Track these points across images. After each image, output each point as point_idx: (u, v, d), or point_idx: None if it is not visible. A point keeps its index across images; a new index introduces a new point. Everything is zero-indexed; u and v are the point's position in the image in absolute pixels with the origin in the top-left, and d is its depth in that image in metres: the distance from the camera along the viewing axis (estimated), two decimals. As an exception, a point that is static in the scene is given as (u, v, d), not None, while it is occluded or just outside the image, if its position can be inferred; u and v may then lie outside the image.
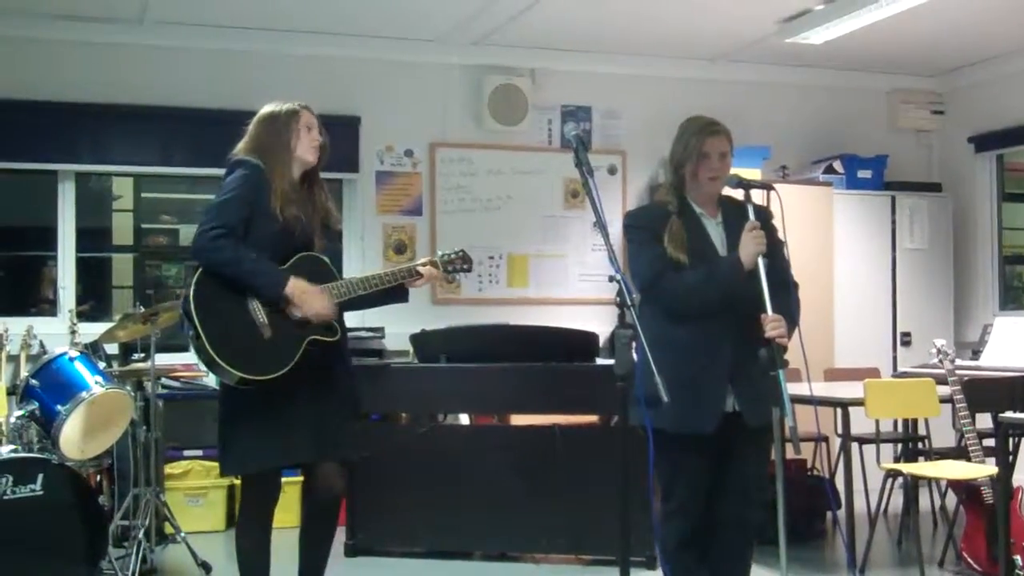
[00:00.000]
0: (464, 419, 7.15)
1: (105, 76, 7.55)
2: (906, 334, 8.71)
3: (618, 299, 3.63)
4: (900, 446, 7.27)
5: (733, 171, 4.19)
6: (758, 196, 4.17)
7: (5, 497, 4.83)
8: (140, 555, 5.66)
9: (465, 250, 4.70)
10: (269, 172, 4.20)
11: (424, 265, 4.53)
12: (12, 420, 5.33)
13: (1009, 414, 5.15)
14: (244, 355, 4.05)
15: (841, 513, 6.21)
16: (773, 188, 4.22)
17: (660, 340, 3.79)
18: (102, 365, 5.90)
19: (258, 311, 4.10)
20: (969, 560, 5.74)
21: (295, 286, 4.10)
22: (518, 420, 6.91)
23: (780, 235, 4.24)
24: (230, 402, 4.21)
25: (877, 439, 6.52)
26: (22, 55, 7.41)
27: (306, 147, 4.30)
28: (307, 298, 4.12)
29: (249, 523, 4.34)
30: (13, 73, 7.38)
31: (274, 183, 4.18)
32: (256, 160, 4.22)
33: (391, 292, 4.50)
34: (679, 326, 4.08)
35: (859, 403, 5.83)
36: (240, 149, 4.30)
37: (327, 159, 4.44)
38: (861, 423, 6.20)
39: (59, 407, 5.26)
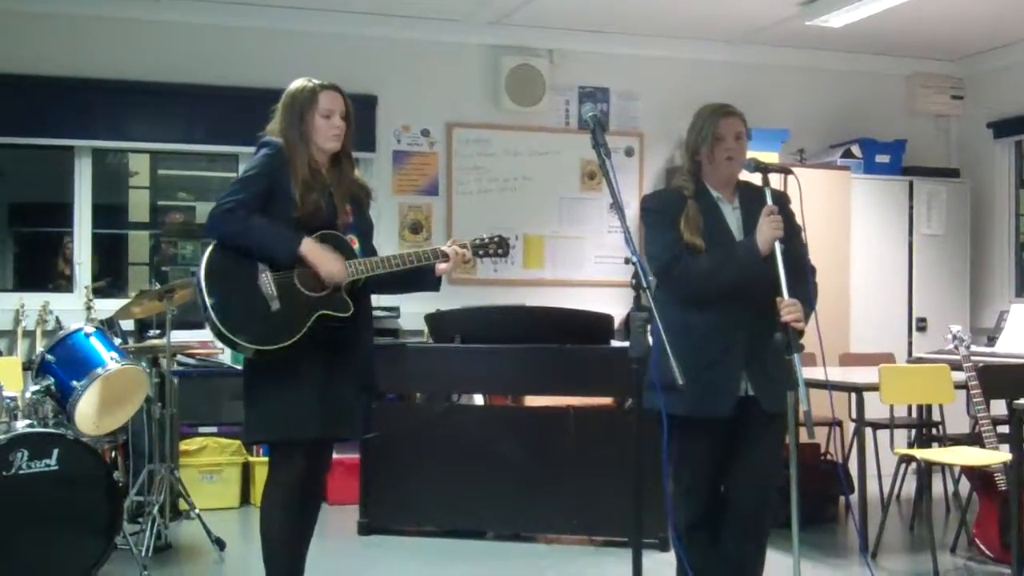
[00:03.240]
0: (478, 399, 7.16)
1: (123, 52, 7.55)
2: (922, 320, 8.68)
3: (634, 281, 3.63)
4: (914, 431, 7.26)
5: (751, 155, 4.18)
6: (776, 180, 4.16)
7: (20, 472, 4.84)
8: (154, 531, 5.69)
9: (503, 236, 4.61)
10: (290, 156, 4.19)
11: (450, 247, 4.45)
12: (28, 395, 5.33)
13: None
14: (251, 327, 4.12)
15: (854, 498, 6.21)
16: (791, 172, 4.21)
17: (676, 325, 3.79)
18: (118, 341, 5.92)
19: (268, 284, 4.14)
20: (981, 546, 5.73)
21: (309, 246, 4.12)
22: (532, 401, 6.92)
23: (798, 220, 4.21)
24: (250, 375, 4.27)
25: (891, 424, 6.52)
26: (39, 30, 7.41)
27: (324, 136, 4.24)
28: (321, 258, 4.12)
29: (269, 495, 4.34)
30: (31, 48, 7.39)
31: (294, 170, 4.17)
32: (279, 141, 4.22)
33: (421, 278, 4.46)
34: (695, 311, 4.07)
35: (874, 388, 5.82)
36: (268, 129, 4.30)
37: (354, 133, 4.39)
38: (875, 408, 6.19)
39: (75, 383, 5.27)
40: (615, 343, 6.34)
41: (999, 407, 6.05)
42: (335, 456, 6.45)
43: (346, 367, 4.27)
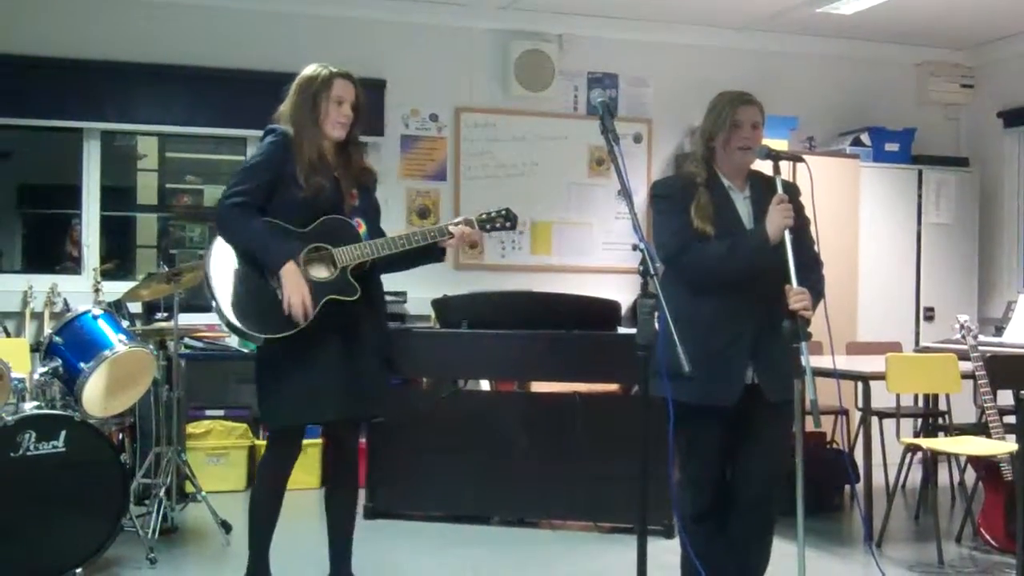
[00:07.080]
0: (485, 385, 7.16)
1: (132, 34, 7.54)
2: (929, 309, 8.67)
3: (641, 268, 3.62)
4: (920, 421, 7.26)
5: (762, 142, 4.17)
6: (785, 168, 4.14)
7: (28, 453, 4.85)
8: (161, 513, 5.72)
9: (510, 208, 4.66)
10: (297, 140, 4.24)
11: (457, 224, 4.50)
12: (35, 377, 5.34)
13: (1031, 391, 5.13)
14: (259, 315, 4.18)
15: (859, 487, 6.20)
16: (803, 160, 4.18)
17: (684, 313, 3.79)
18: (125, 324, 5.92)
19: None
20: (986, 536, 5.74)
21: (289, 272, 4.13)
22: (539, 387, 6.92)
23: (808, 212, 4.20)
24: (264, 360, 4.32)
25: (897, 413, 6.53)
26: (49, 12, 7.39)
27: (332, 123, 4.28)
28: (290, 287, 4.12)
29: (264, 475, 4.43)
30: (40, 30, 7.37)
31: (300, 153, 4.22)
32: (286, 127, 4.29)
33: (425, 253, 4.49)
34: (703, 299, 4.06)
35: (880, 377, 5.82)
36: (279, 113, 4.35)
37: (364, 122, 4.44)
38: (882, 397, 6.19)
39: (82, 365, 5.28)
40: (622, 329, 6.34)
41: (1006, 397, 6.04)
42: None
43: (364, 347, 4.30)
